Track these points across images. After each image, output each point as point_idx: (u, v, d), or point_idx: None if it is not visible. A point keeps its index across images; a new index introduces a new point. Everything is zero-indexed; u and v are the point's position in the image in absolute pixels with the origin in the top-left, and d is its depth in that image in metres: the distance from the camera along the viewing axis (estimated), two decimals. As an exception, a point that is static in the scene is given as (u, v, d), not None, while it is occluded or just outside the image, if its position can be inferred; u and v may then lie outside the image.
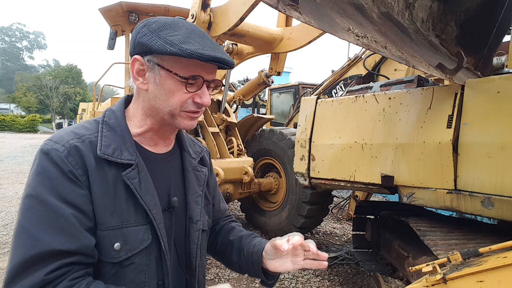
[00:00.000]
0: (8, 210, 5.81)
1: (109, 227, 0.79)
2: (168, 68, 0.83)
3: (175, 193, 0.95)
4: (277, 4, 0.98)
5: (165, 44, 0.79)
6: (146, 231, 0.85)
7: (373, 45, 1.32)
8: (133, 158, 0.84)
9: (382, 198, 7.08)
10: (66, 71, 46.49)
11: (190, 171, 1.01)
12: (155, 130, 0.92)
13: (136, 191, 0.83)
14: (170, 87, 0.84)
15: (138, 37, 0.83)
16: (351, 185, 2.44)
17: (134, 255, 0.82)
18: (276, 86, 9.86)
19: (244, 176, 4.11)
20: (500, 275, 1.19)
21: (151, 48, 0.81)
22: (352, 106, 2.43)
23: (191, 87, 0.85)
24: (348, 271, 3.84)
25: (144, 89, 0.87)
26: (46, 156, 0.77)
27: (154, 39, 0.80)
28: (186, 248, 0.97)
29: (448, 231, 2.01)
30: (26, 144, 18.32)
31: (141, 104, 0.90)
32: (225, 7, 2.94)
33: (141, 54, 0.84)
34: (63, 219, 0.73)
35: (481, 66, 2.47)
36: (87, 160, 0.79)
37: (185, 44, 0.79)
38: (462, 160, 1.78)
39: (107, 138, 0.84)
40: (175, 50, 0.78)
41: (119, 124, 0.88)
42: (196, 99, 0.87)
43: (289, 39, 3.90)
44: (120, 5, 4.68)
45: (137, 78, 0.86)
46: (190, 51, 0.78)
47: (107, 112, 0.90)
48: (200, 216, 0.99)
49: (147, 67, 0.84)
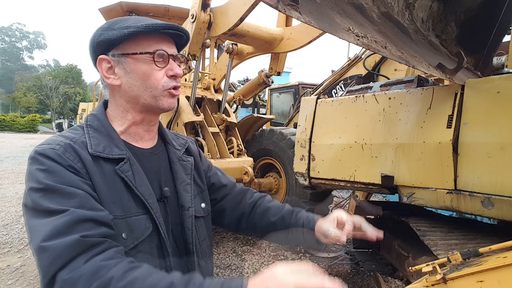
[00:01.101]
0: (8, 210, 5.80)
1: (117, 216, 0.81)
2: (133, 52, 0.87)
3: (165, 184, 0.99)
4: (277, 4, 0.97)
5: (122, 30, 0.85)
6: (147, 220, 0.88)
7: (373, 45, 1.32)
8: (124, 153, 0.88)
9: (382, 198, 7.08)
10: (66, 71, 46.49)
11: (176, 162, 1.04)
12: (137, 122, 0.95)
13: (131, 182, 0.86)
14: (142, 69, 0.88)
15: (94, 39, 0.88)
16: (351, 185, 2.44)
17: (140, 243, 0.85)
18: (276, 86, 9.86)
19: (244, 176, 4.11)
20: (500, 275, 1.19)
21: (110, 40, 0.86)
22: (352, 106, 2.43)
23: (160, 63, 0.89)
24: (348, 271, 3.84)
25: (118, 84, 0.90)
26: (43, 156, 0.78)
27: (110, 32, 0.86)
28: (183, 235, 0.99)
29: (448, 231, 2.01)
30: (26, 144, 18.31)
31: (118, 101, 0.93)
32: (225, 7, 2.94)
33: (103, 52, 0.88)
34: (80, 197, 0.75)
35: (481, 66, 2.47)
36: (83, 156, 0.82)
37: (139, 22, 0.86)
38: (462, 160, 1.78)
39: (95, 138, 0.87)
40: (133, 30, 0.84)
41: (103, 125, 0.91)
42: (169, 72, 0.91)
43: (289, 39, 3.90)
44: (120, 5, 4.68)
45: (108, 76, 0.90)
46: (146, 25, 0.85)
47: (89, 117, 0.93)
48: (192, 203, 1.02)
49: (114, 62, 0.89)
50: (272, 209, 1.18)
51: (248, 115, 5.36)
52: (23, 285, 3.34)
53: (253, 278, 0.71)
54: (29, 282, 3.39)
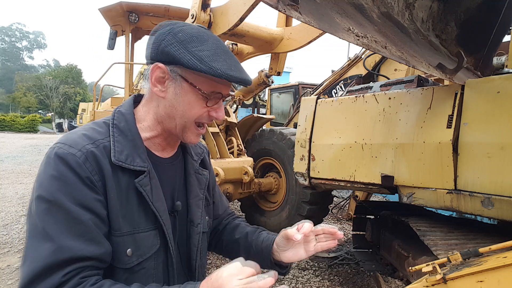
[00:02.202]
0: (8, 210, 5.80)
1: (123, 233, 0.80)
2: (192, 82, 0.83)
3: (178, 197, 0.96)
4: (277, 4, 0.97)
5: (195, 60, 0.79)
6: (155, 236, 0.86)
7: (373, 45, 1.32)
8: (145, 165, 0.85)
9: (382, 198, 7.08)
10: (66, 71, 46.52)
11: (192, 174, 1.02)
12: (164, 136, 0.92)
13: (148, 197, 0.84)
14: (190, 100, 0.85)
15: (163, 45, 0.82)
16: (351, 185, 2.44)
17: (144, 260, 0.84)
18: (276, 86, 9.86)
19: (244, 176, 4.11)
20: (500, 275, 1.19)
21: (179, 61, 0.80)
22: (352, 106, 2.43)
23: (211, 102, 0.86)
24: (348, 271, 3.84)
25: (161, 96, 0.86)
26: (62, 161, 0.75)
27: (182, 51, 0.80)
28: (187, 250, 0.98)
29: (448, 231, 2.01)
30: (26, 144, 18.31)
31: (154, 109, 0.89)
32: (225, 7, 2.94)
33: (164, 62, 0.83)
34: (83, 225, 0.74)
35: (481, 66, 2.47)
36: (103, 166, 0.79)
37: (214, 62, 0.79)
38: (462, 160, 1.78)
39: (119, 143, 0.83)
40: (206, 69, 0.78)
41: (129, 129, 0.87)
42: (212, 113, 0.89)
43: (289, 39, 3.90)
44: (120, 5, 4.68)
45: (155, 85, 0.86)
46: (221, 72, 0.79)
47: (116, 114, 0.89)
48: (201, 219, 1.00)
49: (169, 76, 0.84)
50: (240, 227, 1.15)
51: (248, 115, 5.36)
52: (23, 285, 3.35)
53: (204, 281, 0.73)
54: (29, 282, 3.40)
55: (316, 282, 3.55)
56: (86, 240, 0.73)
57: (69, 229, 0.72)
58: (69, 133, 0.83)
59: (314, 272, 3.77)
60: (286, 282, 3.51)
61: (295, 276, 3.67)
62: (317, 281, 3.56)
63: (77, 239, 0.72)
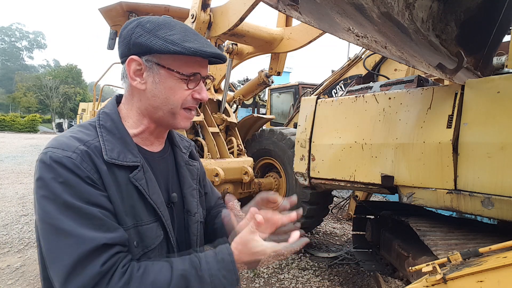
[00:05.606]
0: (8, 210, 5.80)
1: (128, 226, 0.81)
2: (169, 67, 0.84)
3: (173, 189, 0.98)
4: (277, 4, 0.98)
5: (167, 44, 0.80)
6: (158, 228, 0.88)
7: (373, 45, 1.32)
8: (138, 160, 0.86)
9: (382, 198, 7.08)
10: (66, 71, 46.56)
11: (183, 166, 1.03)
12: (151, 130, 0.93)
13: (144, 191, 0.85)
14: (171, 85, 0.86)
15: (134, 38, 0.83)
16: (351, 185, 2.44)
17: (150, 251, 0.85)
18: (276, 86, 9.86)
19: (244, 176, 4.11)
20: (500, 275, 1.19)
21: (152, 48, 0.81)
22: (352, 106, 2.43)
23: (191, 83, 0.87)
24: (348, 271, 3.84)
25: (142, 89, 0.87)
26: (59, 165, 0.75)
27: (154, 39, 0.81)
28: (186, 240, 0.99)
29: (448, 231, 2.01)
30: (26, 144, 18.31)
31: (137, 104, 0.90)
32: (225, 7, 2.94)
33: (138, 54, 0.84)
34: (96, 218, 0.75)
35: (481, 66, 2.47)
36: (98, 165, 0.79)
37: (186, 42, 0.81)
38: (462, 160, 1.78)
39: (109, 142, 0.84)
40: (179, 49, 0.80)
41: (116, 127, 0.88)
42: (195, 95, 0.89)
43: (289, 39, 3.90)
44: (120, 5, 4.68)
45: (134, 78, 0.87)
46: (194, 49, 0.81)
47: (101, 115, 0.90)
48: (197, 209, 1.02)
49: (145, 66, 0.85)
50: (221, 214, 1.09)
51: (248, 115, 5.36)
52: (23, 285, 3.34)
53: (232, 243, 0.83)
54: (29, 282, 3.39)
55: (316, 282, 3.55)
56: (104, 230, 0.75)
57: (84, 223, 0.73)
58: (57, 137, 0.83)
59: (314, 272, 3.77)
60: (286, 282, 3.52)
61: (295, 276, 3.67)
62: (317, 281, 3.56)
63: (96, 229, 0.74)
